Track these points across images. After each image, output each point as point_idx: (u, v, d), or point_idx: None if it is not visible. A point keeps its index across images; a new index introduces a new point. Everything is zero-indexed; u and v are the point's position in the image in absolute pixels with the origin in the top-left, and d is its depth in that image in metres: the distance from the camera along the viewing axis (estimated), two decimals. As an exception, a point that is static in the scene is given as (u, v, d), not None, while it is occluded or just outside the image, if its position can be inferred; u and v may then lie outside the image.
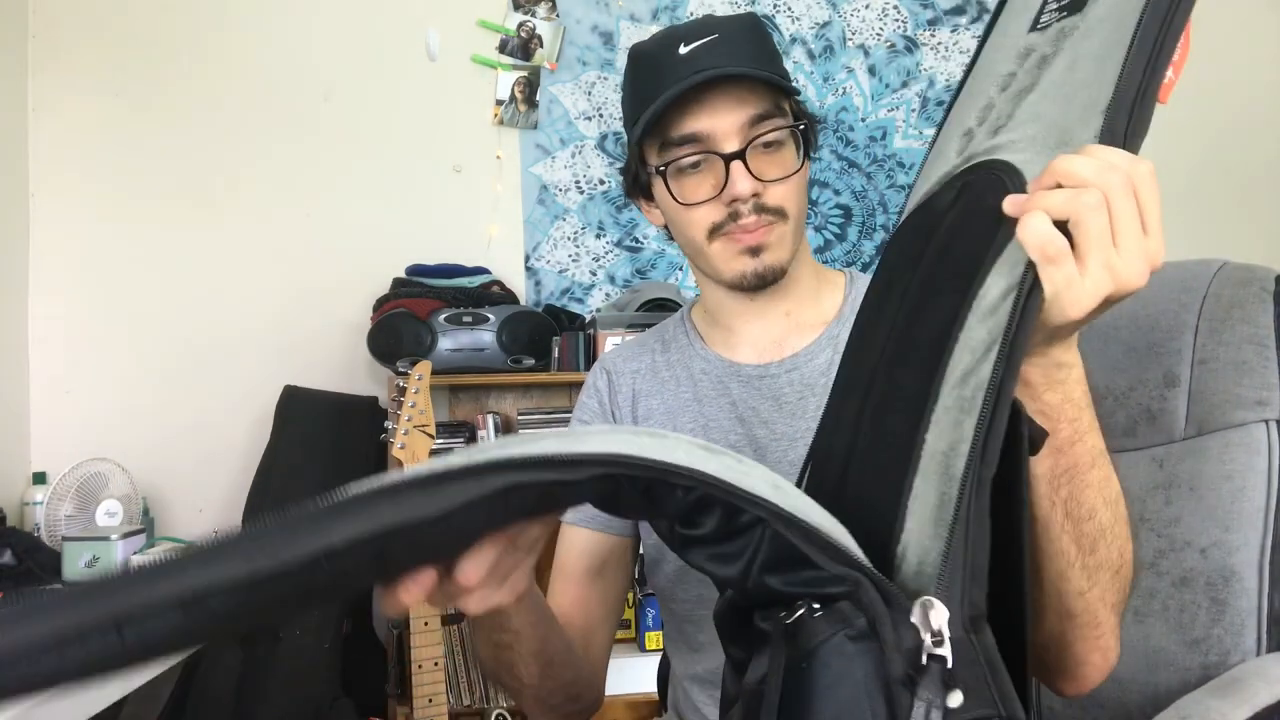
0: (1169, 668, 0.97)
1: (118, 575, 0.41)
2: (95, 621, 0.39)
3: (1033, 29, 0.56)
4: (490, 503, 0.45)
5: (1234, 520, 0.95)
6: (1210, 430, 0.99)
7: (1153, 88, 0.47)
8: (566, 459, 0.46)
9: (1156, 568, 1.00)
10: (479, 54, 2.68)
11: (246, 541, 0.42)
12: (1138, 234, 0.50)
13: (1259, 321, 0.97)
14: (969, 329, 0.51)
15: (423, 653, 1.70)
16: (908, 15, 2.85)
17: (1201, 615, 0.96)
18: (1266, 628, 0.93)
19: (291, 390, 2.38)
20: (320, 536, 0.42)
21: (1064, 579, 0.65)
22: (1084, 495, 0.63)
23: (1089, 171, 0.49)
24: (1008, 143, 0.53)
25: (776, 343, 1.01)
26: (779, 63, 0.98)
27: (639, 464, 0.46)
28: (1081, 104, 0.49)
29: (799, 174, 0.94)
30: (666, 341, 1.09)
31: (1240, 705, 0.83)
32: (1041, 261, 0.50)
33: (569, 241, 2.69)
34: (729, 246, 0.94)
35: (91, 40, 2.52)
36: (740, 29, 0.95)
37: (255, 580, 0.41)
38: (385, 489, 0.44)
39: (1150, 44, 0.46)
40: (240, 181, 2.56)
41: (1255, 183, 2.97)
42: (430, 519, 0.44)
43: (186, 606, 0.40)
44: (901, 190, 2.82)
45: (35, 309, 2.45)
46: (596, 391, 1.09)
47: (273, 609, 0.44)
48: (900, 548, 0.50)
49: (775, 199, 0.93)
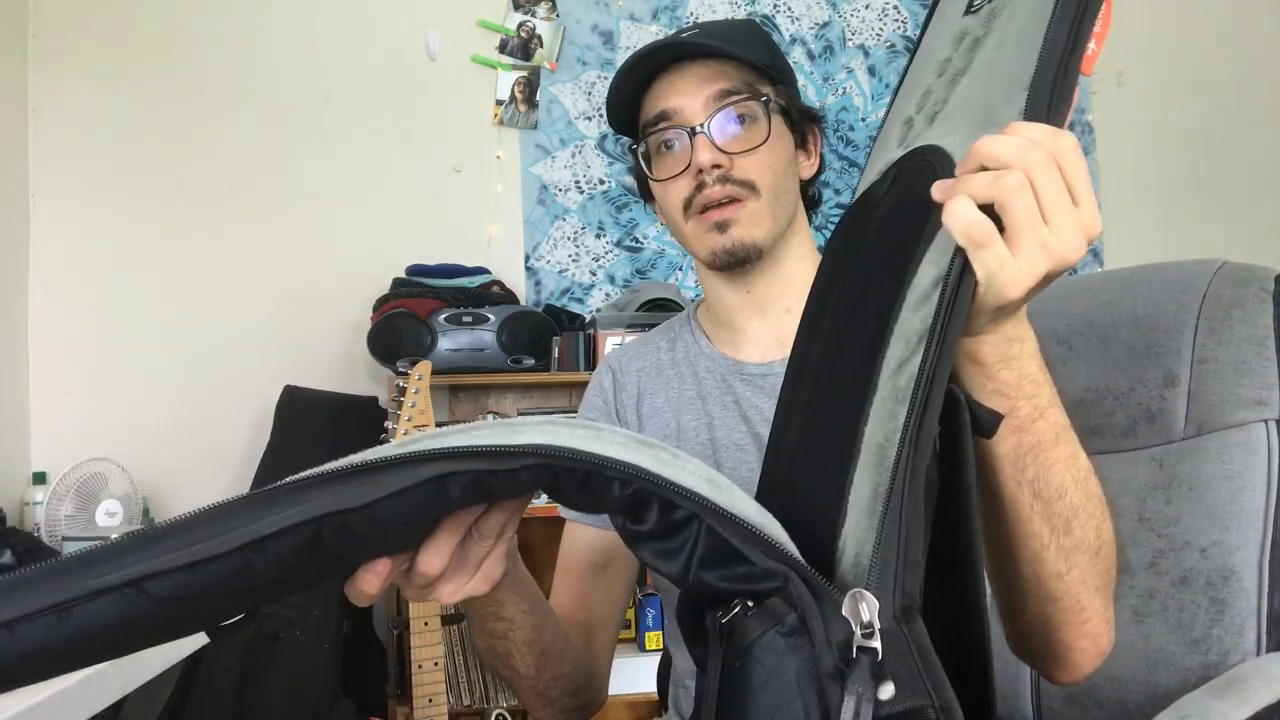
0: (1169, 667, 0.97)
1: (58, 563, 0.41)
2: (39, 604, 0.40)
3: (967, 12, 0.57)
4: (422, 491, 0.46)
5: (1234, 520, 0.95)
6: (1210, 430, 0.99)
7: (1074, 61, 0.47)
8: (495, 450, 0.46)
9: (1156, 567, 1.00)
10: (479, 54, 2.68)
11: (183, 528, 0.43)
12: (1067, 208, 0.50)
13: (1259, 321, 0.97)
14: (903, 319, 0.51)
15: (423, 653, 1.70)
16: (907, 15, 2.85)
17: (1201, 615, 0.96)
18: (1266, 627, 0.93)
19: (291, 390, 2.38)
20: (251, 522, 0.43)
21: (1040, 562, 0.64)
22: (1051, 474, 0.62)
23: (1009, 151, 0.49)
24: (942, 129, 0.53)
25: (780, 340, 1.01)
26: (769, 54, 0.98)
27: (568, 456, 0.47)
28: (1006, 82, 0.49)
29: (768, 146, 0.94)
30: (672, 340, 1.09)
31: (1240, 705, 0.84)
32: (970, 246, 0.49)
33: (569, 241, 2.69)
34: (700, 224, 0.95)
35: (91, 40, 2.52)
36: (728, 24, 0.98)
37: (192, 563, 0.41)
38: (315, 477, 0.45)
39: (1070, 17, 0.47)
40: (240, 181, 2.56)
41: (1255, 183, 2.97)
42: (357, 507, 0.44)
43: (124, 590, 0.41)
44: (901, 190, 2.83)
45: (35, 309, 2.46)
46: (601, 390, 1.09)
47: (217, 596, 0.44)
48: (841, 542, 0.50)
49: (743, 171, 0.93)
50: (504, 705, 2.25)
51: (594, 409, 1.09)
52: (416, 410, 1.78)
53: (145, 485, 2.32)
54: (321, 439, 2.32)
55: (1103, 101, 2.90)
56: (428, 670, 1.70)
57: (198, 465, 2.47)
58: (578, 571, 1.03)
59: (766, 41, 1.01)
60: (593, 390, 1.11)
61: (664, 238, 2.73)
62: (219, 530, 0.43)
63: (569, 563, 1.04)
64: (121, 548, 0.43)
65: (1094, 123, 2.89)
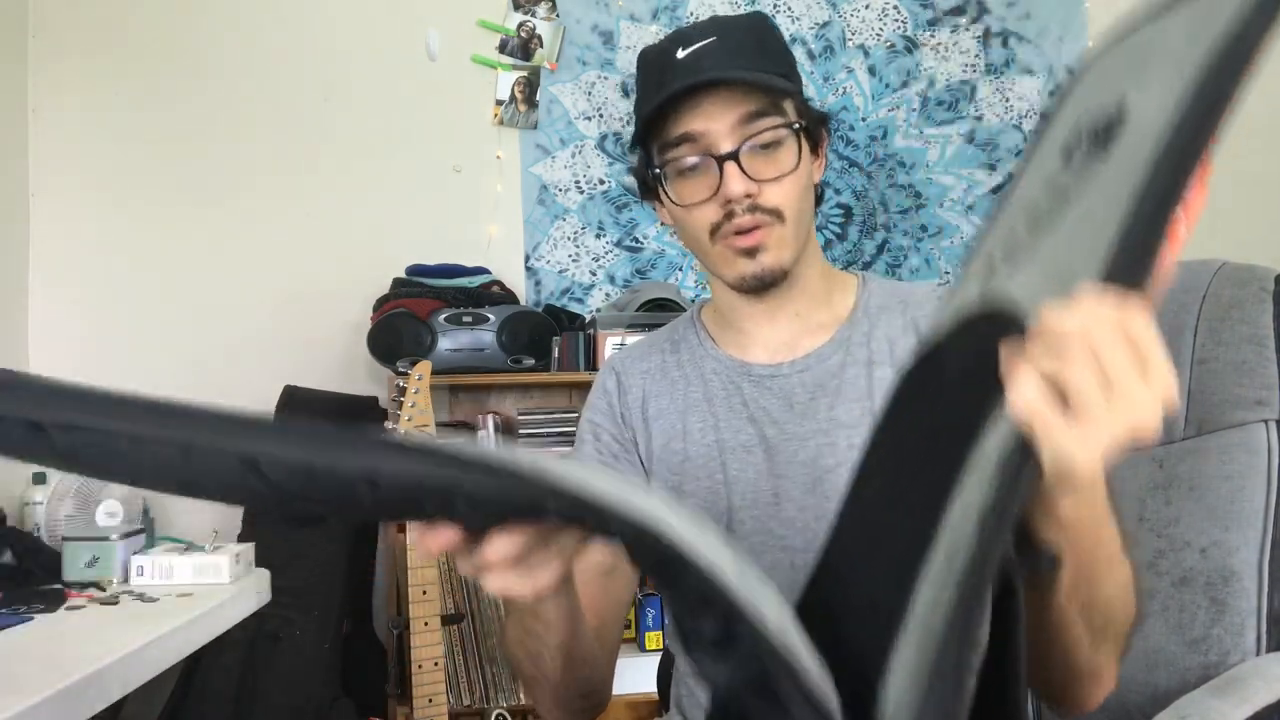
0: (1169, 667, 0.98)
1: (189, 409, 0.46)
2: (164, 435, 0.45)
3: (1064, 163, 0.55)
4: (528, 509, 0.49)
5: (1234, 520, 0.95)
6: (1210, 430, 0.99)
7: (1156, 230, 0.45)
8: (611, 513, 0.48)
9: (1156, 568, 1.00)
10: (479, 54, 2.68)
11: (314, 436, 0.46)
12: (1135, 381, 0.48)
13: (1258, 321, 0.97)
14: (965, 493, 0.50)
15: (423, 653, 1.70)
16: (907, 15, 2.85)
17: (1201, 615, 0.96)
18: (1266, 627, 0.93)
19: (291, 390, 2.37)
20: (375, 461, 0.45)
21: (1072, 653, 0.66)
22: (1100, 593, 0.63)
23: (1073, 325, 0.47)
24: (1021, 283, 0.53)
25: (788, 343, 1.01)
26: (784, 62, 0.97)
27: (674, 548, 0.48)
28: (1087, 245, 0.48)
29: (795, 173, 0.93)
30: (676, 341, 1.08)
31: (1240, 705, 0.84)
32: (1033, 426, 0.47)
33: (569, 241, 2.69)
34: (727, 249, 0.94)
35: (91, 40, 2.52)
36: (742, 29, 0.95)
37: (310, 470, 0.45)
38: (459, 457, 0.47)
39: (1161, 186, 0.45)
40: (240, 181, 2.56)
41: (1255, 183, 2.97)
42: (473, 495, 0.47)
43: (245, 462, 0.44)
44: (902, 189, 2.83)
45: (35, 309, 2.46)
46: (606, 393, 1.08)
47: (312, 499, 0.48)
48: (883, 700, 0.51)
49: (771, 199, 0.92)
50: (504, 705, 2.25)
51: (599, 412, 1.08)
52: (416, 410, 1.78)
53: (145, 485, 2.31)
54: (321, 439, 2.32)
55: (1103, 102, 2.90)
56: (428, 670, 1.70)
57: (198, 465, 2.47)
58: (587, 573, 1.03)
59: (778, 43, 0.99)
60: (597, 393, 1.10)
61: (664, 238, 2.73)
62: (344, 453, 0.46)
63: (577, 567, 1.04)
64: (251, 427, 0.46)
65: (1094, 123, 2.89)
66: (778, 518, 0.96)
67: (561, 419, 2.44)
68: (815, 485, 0.95)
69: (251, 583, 1.60)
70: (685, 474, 1.01)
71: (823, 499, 0.94)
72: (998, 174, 2.85)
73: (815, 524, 0.94)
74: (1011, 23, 2.88)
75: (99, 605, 1.44)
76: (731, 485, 0.98)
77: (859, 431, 0.94)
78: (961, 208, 2.85)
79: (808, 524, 0.95)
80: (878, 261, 2.81)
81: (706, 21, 0.96)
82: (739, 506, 0.98)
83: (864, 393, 0.97)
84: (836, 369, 0.98)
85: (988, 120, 2.86)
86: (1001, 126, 2.86)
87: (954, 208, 2.84)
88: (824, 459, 0.95)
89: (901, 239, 2.83)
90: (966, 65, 2.86)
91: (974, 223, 2.85)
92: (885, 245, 2.82)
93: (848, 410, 0.96)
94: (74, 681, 1.06)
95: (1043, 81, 2.88)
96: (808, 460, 0.96)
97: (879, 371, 0.97)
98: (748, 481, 0.98)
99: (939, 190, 2.84)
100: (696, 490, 1.00)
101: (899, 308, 1.01)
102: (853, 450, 0.93)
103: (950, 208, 2.84)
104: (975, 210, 2.85)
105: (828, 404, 0.97)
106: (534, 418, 2.44)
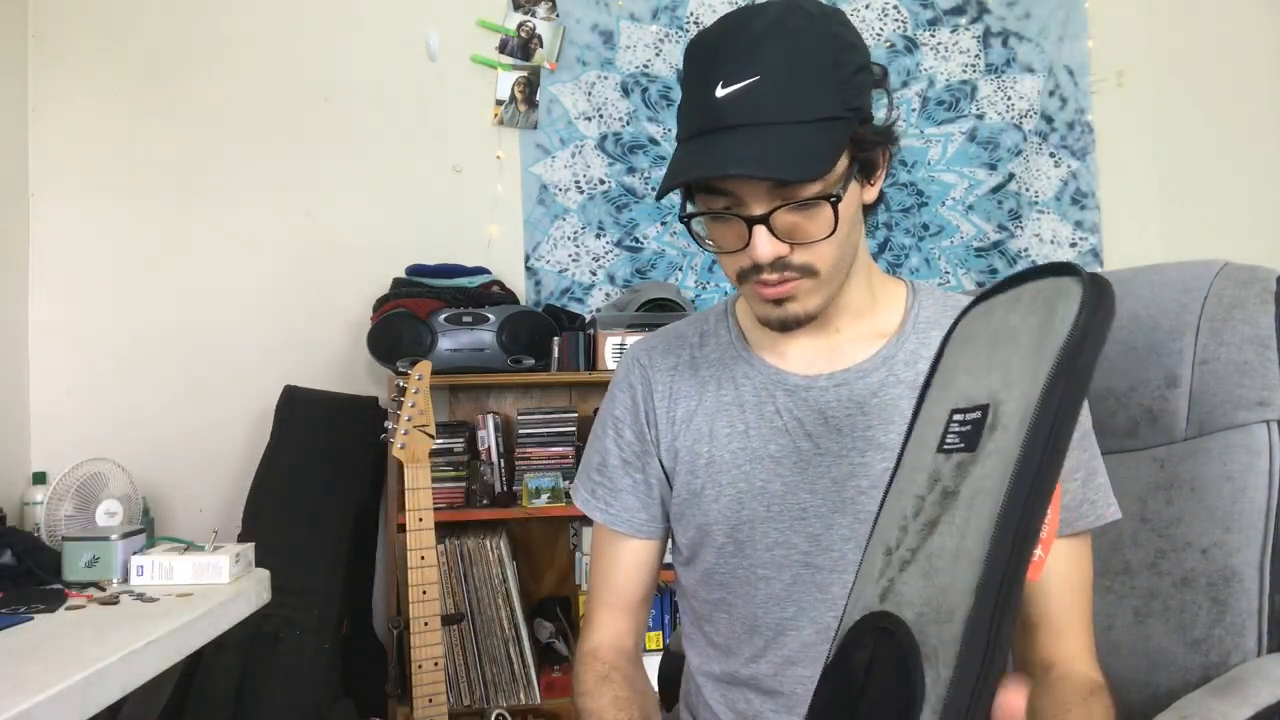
0: (1170, 668, 0.98)
1: None
2: None
3: (940, 448, 0.58)
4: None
5: (1235, 521, 0.95)
6: (1211, 431, 0.99)
7: (1019, 570, 0.49)
8: None
9: (1157, 568, 1.00)
10: (479, 54, 2.68)
11: None
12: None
13: (1260, 322, 0.97)
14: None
15: (423, 653, 1.70)
16: (908, 15, 2.85)
17: (1202, 615, 0.96)
18: (1267, 628, 0.93)
19: (291, 390, 2.37)
20: None
21: None
22: None
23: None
24: (909, 594, 0.55)
25: (827, 355, 0.97)
26: (840, 89, 0.82)
27: None
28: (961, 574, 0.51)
29: (831, 237, 0.85)
30: (705, 335, 1.04)
31: (1241, 705, 0.83)
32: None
33: (569, 241, 2.69)
34: (754, 293, 0.90)
35: (91, 40, 2.52)
36: (789, 63, 0.80)
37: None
38: None
39: (1011, 533, 0.49)
40: (240, 181, 2.56)
41: (1256, 183, 2.97)
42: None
43: None
44: (902, 189, 2.83)
45: (35, 309, 2.46)
46: (630, 388, 1.05)
47: None
48: None
49: (803, 258, 0.87)
50: (504, 705, 2.25)
51: (622, 407, 1.05)
52: (416, 410, 1.78)
53: (145, 485, 2.31)
54: (321, 439, 2.32)
55: (1103, 101, 2.90)
56: (428, 670, 1.70)
57: (198, 465, 2.47)
58: (635, 602, 1.05)
59: (833, 61, 0.82)
60: (620, 386, 1.07)
61: (664, 238, 2.73)
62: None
63: (625, 593, 1.05)
64: None
65: (1094, 123, 2.89)
66: (803, 533, 0.94)
67: (561, 419, 2.44)
68: (845, 505, 0.92)
69: (251, 583, 1.60)
70: (709, 478, 0.98)
71: (852, 520, 0.92)
72: (998, 173, 2.85)
73: (842, 544, 0.92)
74: (1011, 22, 2.88)
75: (99, 605, 1.44)
76: (757, 495, 0.95)
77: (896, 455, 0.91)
78: (962, 207, 2.85)
79: (833, 543, 0.93)
80: (879, 260, 2.80)
81: (743, 45, 0.81)
82: (764, 518, 0.95)
83: (907, 416, 0.91)
84: (876, 387, 0.94)
85: (988, 119, 2.86)
86: (1002, 125, 2.86)
87: (955, 206, 2.84)
88: (857, 479, 0.92)
89: (903, 238, 2.83)
90: (967, 65, 2.86)
91: (974, 222, 2.85)
92: (887, 244, 2.82)
93: (885, 432, 0.92)
94: (74, 681, 1.06)
95: (1043, 81, 2.88)
96: (839, 478, 0.93)
97: None
98: (774, 493, 0.95)
99: (940, 189, 2.84)
100: (719, 496, 0.97)
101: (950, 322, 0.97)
102: (888, 473, 0.91)
103: (951, 207, 2.84)
104: (975, 209, 2.85)
105: (865, 423, 0.93)
106: (534, 418, 2.44)
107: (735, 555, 0.97)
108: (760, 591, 0.96)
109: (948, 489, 0.55)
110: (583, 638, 1.06)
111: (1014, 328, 0.56)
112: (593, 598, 1.08)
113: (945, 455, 0.57)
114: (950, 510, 0.54)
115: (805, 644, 0.94)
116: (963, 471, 0.54)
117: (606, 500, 1.05)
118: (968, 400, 0.58)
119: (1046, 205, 2.87)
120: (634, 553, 1.05)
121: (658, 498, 1.03)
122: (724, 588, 0.98)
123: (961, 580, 0.51)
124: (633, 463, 1.04)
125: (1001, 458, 0.51)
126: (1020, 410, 0.51)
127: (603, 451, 1.06)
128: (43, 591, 1.53)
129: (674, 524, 1.03)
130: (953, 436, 0.57)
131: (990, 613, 0.48)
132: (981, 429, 0.54)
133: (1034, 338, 0.53)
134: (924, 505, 0.57)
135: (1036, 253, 2.86)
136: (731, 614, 0.98)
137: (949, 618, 0.51)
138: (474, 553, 2.29)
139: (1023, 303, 0.57)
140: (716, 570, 0.98)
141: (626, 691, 0.98)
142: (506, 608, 2.28)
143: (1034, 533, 0.49)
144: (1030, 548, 0.49)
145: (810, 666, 0.94)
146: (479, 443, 2.40)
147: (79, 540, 1.60)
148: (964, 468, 0.54)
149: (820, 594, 0.93)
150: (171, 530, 2.40)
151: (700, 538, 0.99)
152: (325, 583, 2.18)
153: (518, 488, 2.37)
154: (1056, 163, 2.88)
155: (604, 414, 1.08)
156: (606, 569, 1.06)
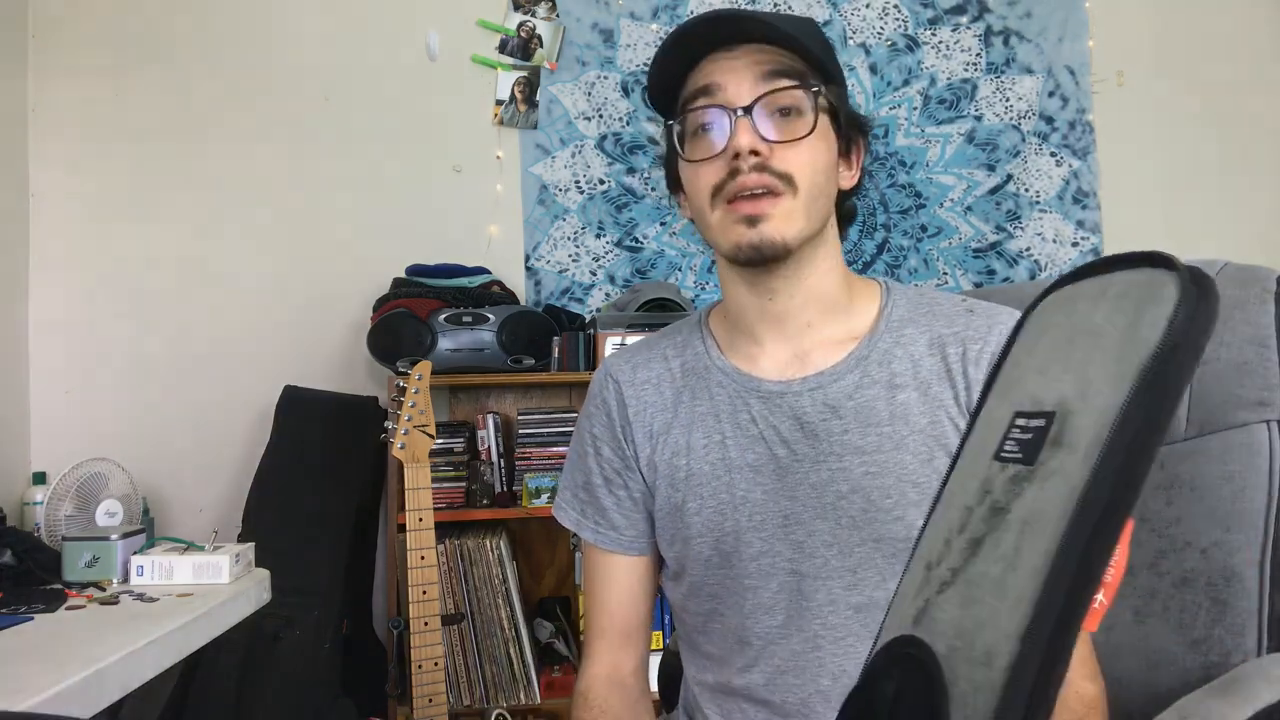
0: (1169, 668, 0.97)
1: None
2: None
3: (996, 455, 0.51)
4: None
5: (1235, 521, 0.95)
6: (1211, 431, 0.98)
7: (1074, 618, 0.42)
8: None
9: (1157, 568, 1.00)
10: (479, 54, 2.68)
11: None
12: None
13: (1260, 322, 0.97)
14: None
15: (423, 653, 1.70)
16: (908, 14, 2.85)
17: (1202, 615, 0.96)
18: (1267, 628, 0.93)
19: (291, 390, 2.38)
20: None
21: None
22: None
23: None
24: (943, 621, 0.49)
25: (799, 358, 0.96)
26: (825, 51, 0.93)
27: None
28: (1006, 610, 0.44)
29: (811, 140, 0.89)
30: (680, 346, 1.04)
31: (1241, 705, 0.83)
32: None
33: (569, 241, 2.69)
34: (728, 215, 0.89)
35: (91, 40, 2.52)
36: (786, 15, 0.92)
37: None
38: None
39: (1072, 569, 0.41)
40: (240, 181, 2.56)
41: (1256, 183, 2.97)
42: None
43: None
44: (902, 189, 2.82)
45: (35, 309, 2.46)
46: (605, 405, 1.04)
47: None
48: None
49: (782, 163, 0.88)
50: (504, 705, 2.25)
51: (599, 424, 1.05)
52: (416, 410, 1.78)
53: (145, 485, 2.32)
54: (321, 439, 2.32)
55: (1103, 101, 2.90)
56: (428, 670, 1.70)
57: (198, 465, 2.47)
58: (633, 627, 1.05)
59: (824, 39, 0.95)
60: (594, 403, 1.06)
61: (664, 238, 2.73)
62: None
63: (621, 617, 1.04)
64: None
65: (1094, 123, 2.89)
66: (787, 540, 0.93)
67: (561, 419, 2.44)
68: (827, 511, 0.91)
69: (251, 583, 1.60)
70: (690, 491, 0.97)
71: (834, 525, 0.91)
72: (997, 174, 2.85)
73: (825, 550, 0.92)
74: (1012, 21, 2.88)
75: (99, 605, 1.44)
76: (739, 505, 0.95)
77: (875, 458, 0.90)
78: (961, 208, 2.84)
79: (816, 549, 0.92)
80: (878, 261, 2.81)
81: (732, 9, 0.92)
82: (746, 527, 0.94)
83: (884, 418, 0.91)
84: (851, 390, 0.93)
85: (988, 119, 2.86)
86: (1000, 127, 2.86)
87: (953, 208, 2.84)
88: (836, 484, 0.91)
89: (901, 239, 2.82)
90: (967, 64, 2.86)
91: (973, 224, 2.85)
92: (885, 245, 2.82)
93: (862, 435, 0.91)
94: (74, 681, 1.06)
95: (1042, 81, 2.88)
96: (819, 484, 0.92)
97: (902, 395, 0.92)
98: (756, 502, 0.94)
99: (939, 190, 2.84)
100: (701, 509, 0.96)
101: (924, 320, 0.96)
102: (869, 477, 0.90)
103: (950, 208, 2.84)
104: (974, 211, 2.85)
105: (841, 427, 0.92)
106: (534, 418, 2.44)
107: (721, 567, 0.96)
108: (748, 601, 0.95)
109: (997, 504, 0.49)
110: (579, 672, 1.05)
111: (1098, 325, 0.48)
112: (590, 627, 1.06)
113: (1001, 464, 0.50)
114: (998, 531, 0.48)
115: (795, 652, 0.94)
116: (1016, 488, 0.48)
117: (595, 520, 1.04)
118: (1034, 404, 0.50)
119: (1048, 205, 2.87)
120: (628, 571, 1.04)
121: (644, 512, 1.03)
122: (713, 599, 0.98)
123: (1006, 620, 0.44)
124: (614, 480, 1.03)
125: (1065, 481, 0.44)
126: (1093, 428, 0.44)
127: (586, 471, 1.05)
128: (43, 591, 1.53)
129: (659, 539, 1.02)
130: (1011, 443, 0.50)
131: (1037, 667, 0.41)
132: (1043, 440, 0.47)
133: (1118, 341, 0.46)
134: (970, 519, 0.51)
135: (1039, 252, 2.86)
136: (723, 625, 0.98)
137: (985, 661, 0.44)
138: (474, 553, 2.29)
139: (1109, 296, 0.49)
140: (704, 583, 0.98)
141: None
142: (506, 608, 2.28)
143: (1095, 579, 0.41)
144: (1090, 595, 0.41)
145: (801, 675, 0.93)
146: (479, 443, 2.40)
147: (79, 540, 1.60)
148: (1018, 483, 0.48)
149: (805, 601, 0.93)
150: (171, 530, 2.40)
151: (686, 551, 0.98)
152: (325, 583, 2.18)
153: (518, 488, 2.37)
154: (1058, 162, 2.88)
155: (582, 431, 1.07)
156: (601, 592, 1.05)
